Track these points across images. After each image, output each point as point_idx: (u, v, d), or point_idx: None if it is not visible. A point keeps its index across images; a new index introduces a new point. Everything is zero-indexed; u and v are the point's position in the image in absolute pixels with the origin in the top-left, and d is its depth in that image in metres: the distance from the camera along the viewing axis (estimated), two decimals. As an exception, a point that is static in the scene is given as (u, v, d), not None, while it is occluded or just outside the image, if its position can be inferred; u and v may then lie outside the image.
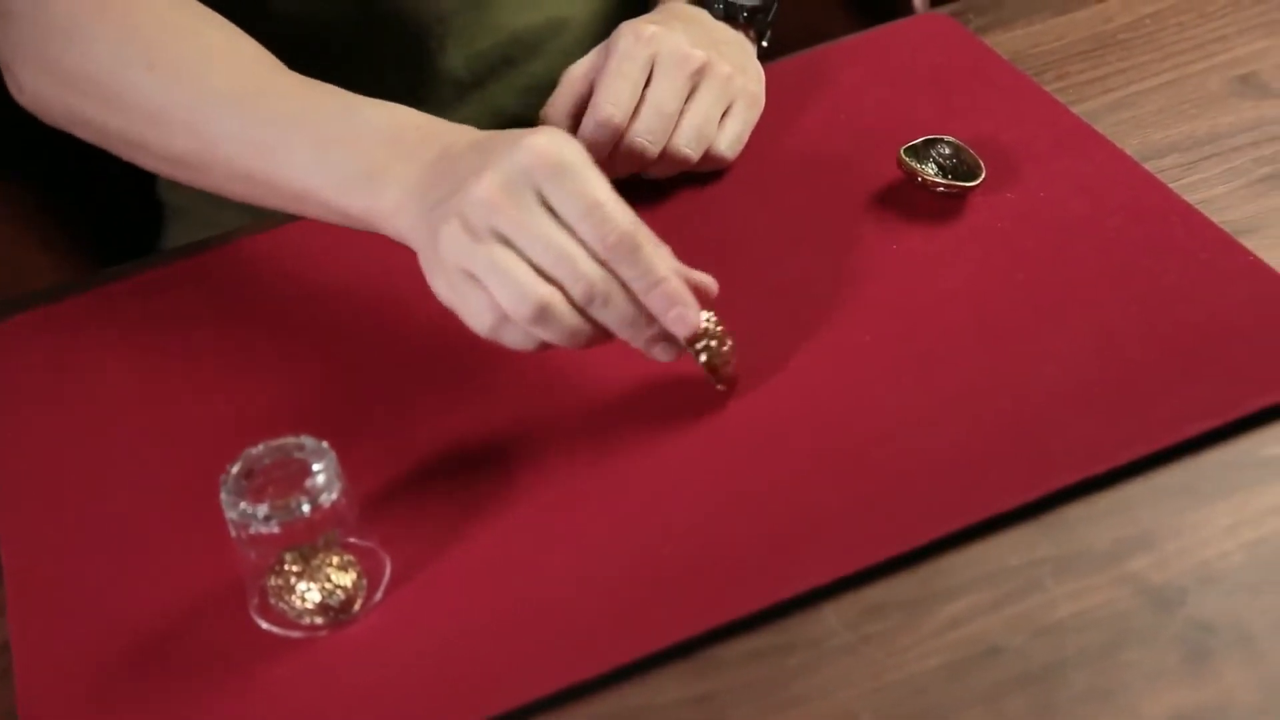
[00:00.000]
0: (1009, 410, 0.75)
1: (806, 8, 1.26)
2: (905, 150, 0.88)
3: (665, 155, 0.89)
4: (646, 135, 0.88)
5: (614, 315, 0.73)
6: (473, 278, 0.72)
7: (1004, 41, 1.01)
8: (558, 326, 0.72)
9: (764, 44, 0.99)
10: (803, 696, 0.66)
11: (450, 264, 0.73)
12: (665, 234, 0.75)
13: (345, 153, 0.78)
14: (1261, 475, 0.72)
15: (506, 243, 0.72)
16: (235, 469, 0.69)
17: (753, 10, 0.98)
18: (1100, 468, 0.72)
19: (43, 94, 0.87)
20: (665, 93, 0.88)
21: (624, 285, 0.73)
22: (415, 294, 0.86)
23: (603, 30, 1.06)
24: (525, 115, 1.07)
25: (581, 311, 0.72)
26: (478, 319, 0.73)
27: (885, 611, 0.68)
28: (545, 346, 0.74)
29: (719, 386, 0.77)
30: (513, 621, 0.69)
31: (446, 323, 0.84)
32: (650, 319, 0.73)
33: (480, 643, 0.68)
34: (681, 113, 0.89)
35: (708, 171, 0.92)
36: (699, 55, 0.89)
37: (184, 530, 0.75)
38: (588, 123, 0.88)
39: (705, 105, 0.90)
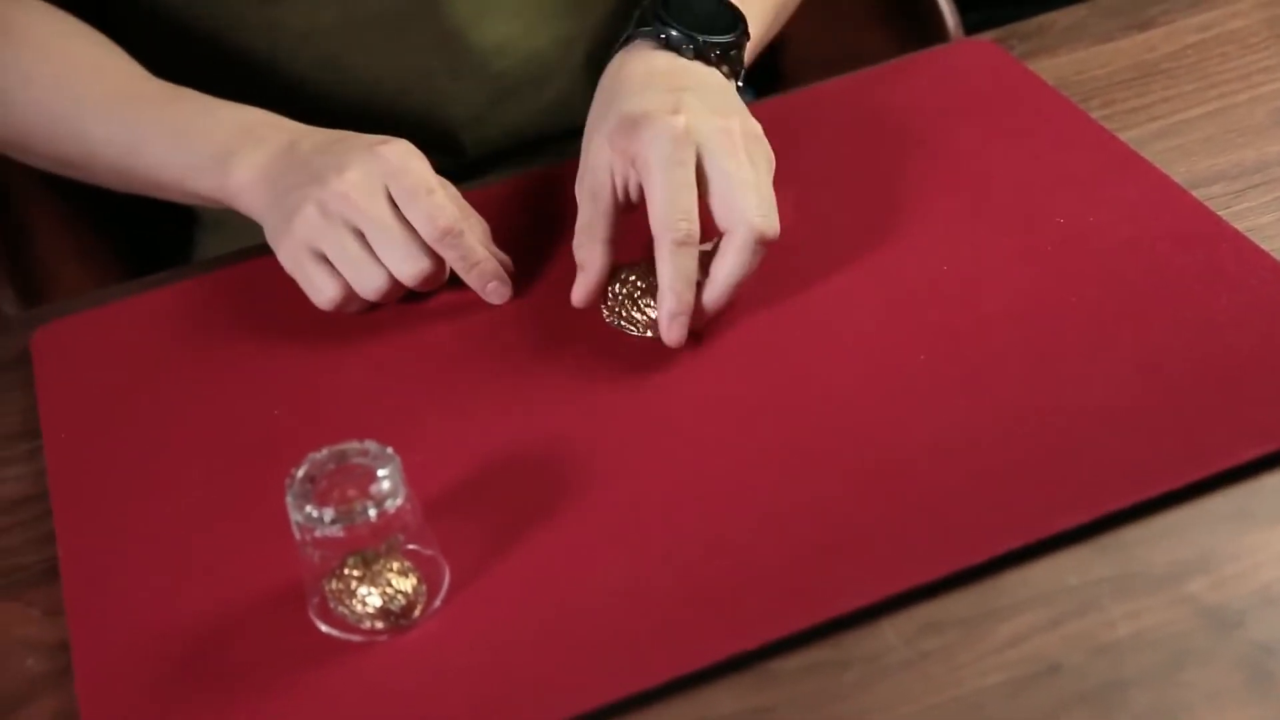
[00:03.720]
0: (1063, 431, 0.75)
1: (843, 28, 1.27)
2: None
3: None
4: (773, 225, 0.81)
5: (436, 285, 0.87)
6: (322, 258, 0.85)
7: (1048, 68, 1.02)
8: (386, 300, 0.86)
9: (739, 82, 0.91)
10: (860, 711, 0.66)
11: (301, 242, 0.85)
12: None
13: (198, 142, 0.91)
14: (1315, 500, 0.72)
15: (356, 232, 0.84)
16: (300, 472, 0.69)
17: (724, 47, 0.89)
18: (1155, 490, 0.72)
19: None
20: (751, 176, 0.82)
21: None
22: (470, 302, 0.87)
23: (613, 39, 1.06)
24: (546, 133, 1.07)
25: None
26: (321, 294, 0.86)
27: (943, 628, 0.69)
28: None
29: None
30: (570, 632, 0.69)
31: (504, 331, 0.85)
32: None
33: (537, 652, 0.69)
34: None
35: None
36: (734, 126, 0.83)
37: (243, 533, 0.75)
38: (736, 245, 0.80)
39: (765, 174, 0.84)
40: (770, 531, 0.72)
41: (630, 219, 0.85)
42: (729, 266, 0.81)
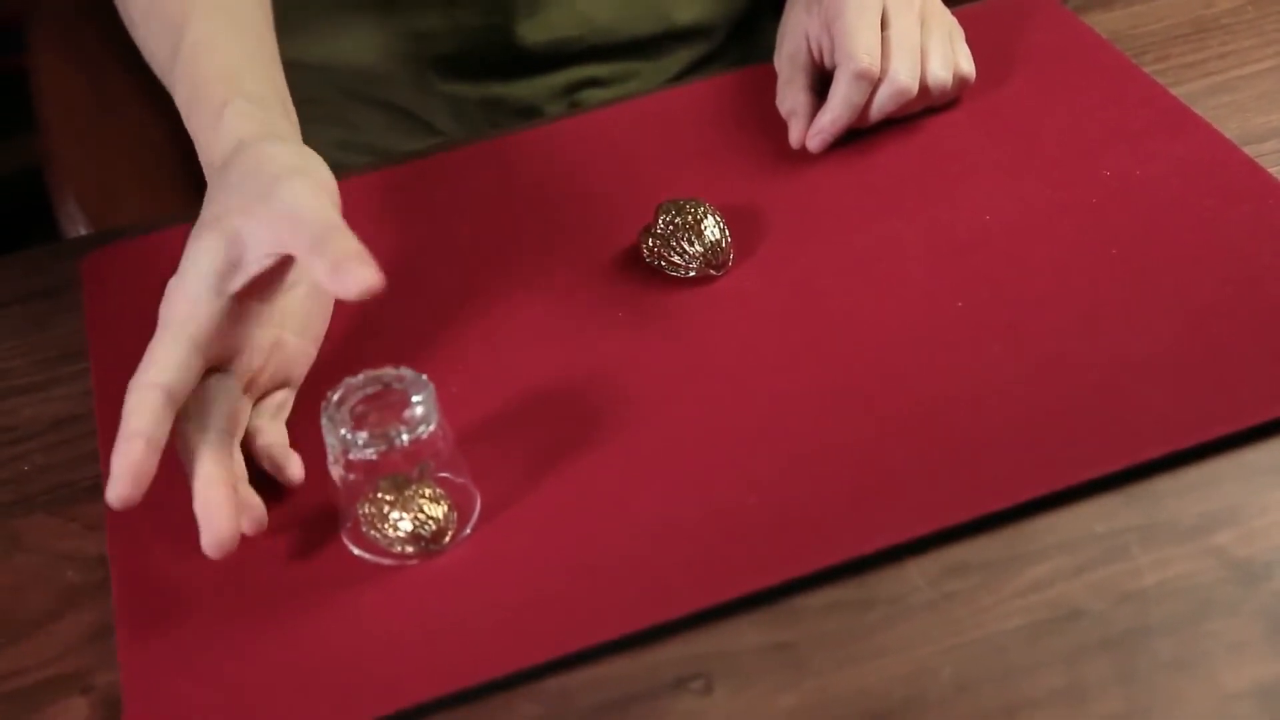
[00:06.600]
0: (1099, 381, 0.75)
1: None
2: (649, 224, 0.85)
3: (920, 89, 0.91)
4: (906, 74, 0.90)
5: None
6: None
7: (1103, 21, 1.01)
8: None
9: None
10: (882, 649, 0.66)
11: None
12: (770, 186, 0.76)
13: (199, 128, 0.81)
14: (1350, 458, 0.72)
15: None
16: (335, 396, 0.70)
17: None
18: (1188, 442, 0.72)
19: None
20: (907, 31, 0.90)
21: None
22: (513, 241, 0.88)
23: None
24: (619, 27, 1.08)
25: None
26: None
27: (968, 571, 0.69)
28: None
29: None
30: (597, 562, 0.70)
31: (544, 269, 0.86)
32: None
33: (564, 581, 0.69)
34: (923, 46, 0.91)
35: (938, 106, 0.94)
36: None
37: (279, 455, 0.76)
38: (843, 78, 0.89)
39: (941, 35, 0.92)
40: (800, 471, 0.73)
41: (662, 169, 0.91)
42: (835, 95, 0.90)
